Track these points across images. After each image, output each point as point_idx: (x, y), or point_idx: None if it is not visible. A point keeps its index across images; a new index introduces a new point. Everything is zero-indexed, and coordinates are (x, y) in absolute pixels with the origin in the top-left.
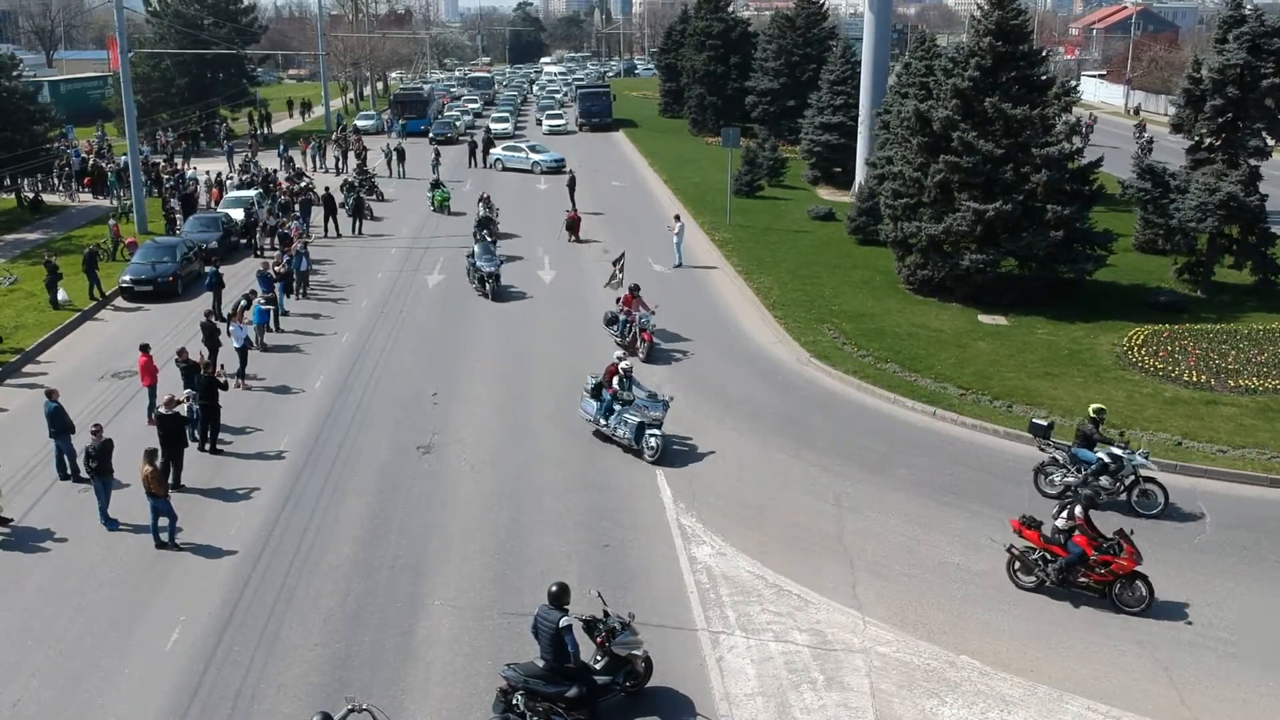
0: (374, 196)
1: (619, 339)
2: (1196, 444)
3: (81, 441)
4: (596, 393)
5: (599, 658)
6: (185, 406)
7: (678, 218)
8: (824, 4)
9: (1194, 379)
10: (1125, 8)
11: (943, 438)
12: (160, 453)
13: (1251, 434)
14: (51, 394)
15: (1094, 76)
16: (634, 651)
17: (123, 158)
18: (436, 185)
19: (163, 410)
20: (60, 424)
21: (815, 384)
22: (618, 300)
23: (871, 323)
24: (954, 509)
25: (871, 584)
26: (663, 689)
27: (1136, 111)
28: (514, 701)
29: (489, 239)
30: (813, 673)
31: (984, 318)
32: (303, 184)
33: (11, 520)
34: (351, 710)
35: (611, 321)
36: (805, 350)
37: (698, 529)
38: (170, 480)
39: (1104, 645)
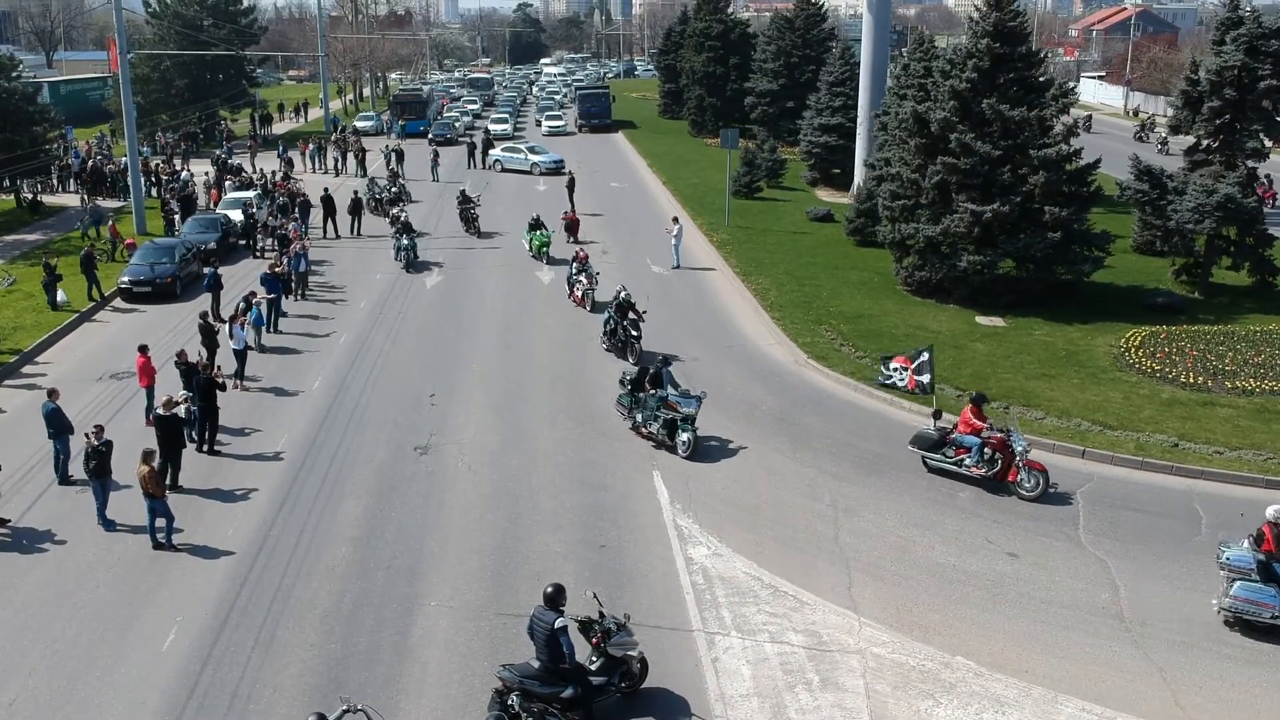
0: (471, 230)
1: (967, 468)
2: (1193, 445)
3: (80, 442)
4: None
5: (594, 658)
6: (183, 408)
7: (676, 219)
8: (823, 5)
9: (1191, 380)
10: (1125, 9)
11: None
12: (158, 453)
13: (1248, 435)
14: (52, 394)
15: (1093, 78)
16: (629, 652)
17: (122, 159)
18: (536, 225)
19: (161, 411)
20: (59, 425)
21: (812, 385)
22: (936, 414)
23: (869, 324)
24: (949, 510)
25: (867, 585)
26: (658, 690)
27: (1136, 113)
28: (509, 702)
29: (636, 337)
30: (808, 673)
31: (981, 319)
32: (395, 211)
33: (10, 520)
34: (347, 711)
35: (935, 445)
36: (802, 351)
37: (694, 530)
38: (168, 481)
39: (1098, 646)
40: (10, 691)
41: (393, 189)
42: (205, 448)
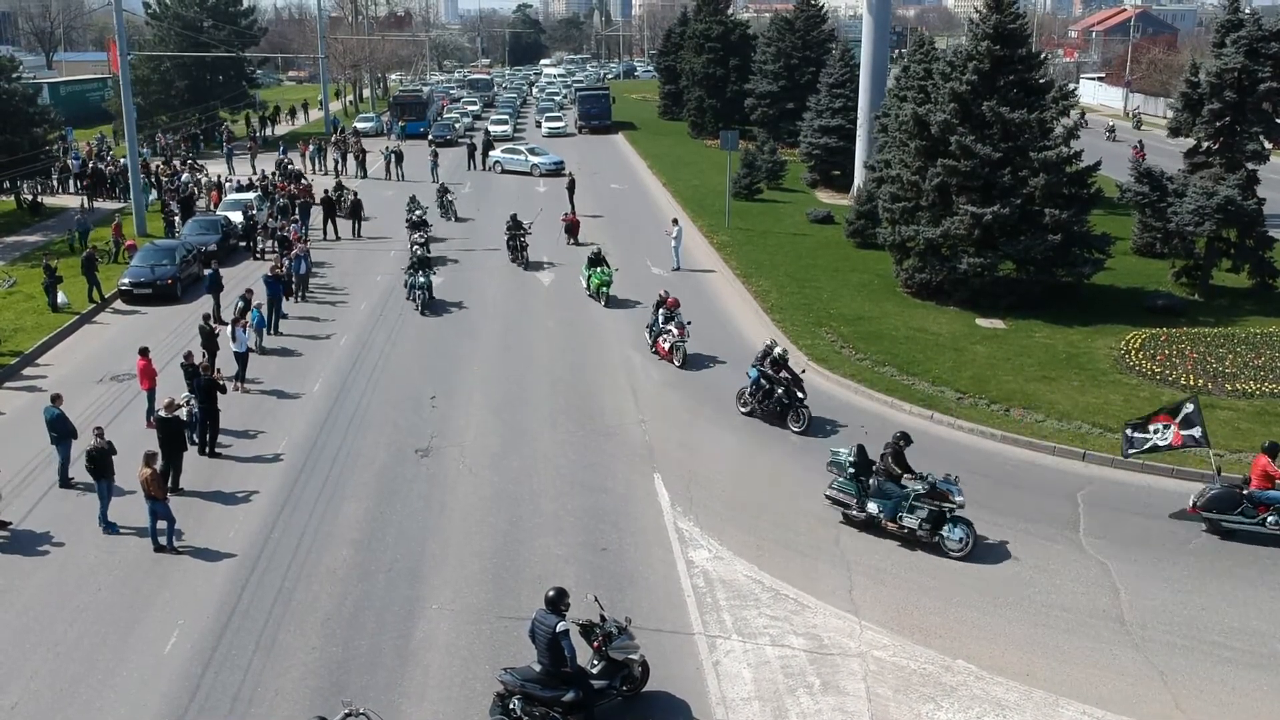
0: (518, 260)
1: (1274, 527)
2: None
3: (82, 445)
4: None
5: (596, 662)
6: (184, 410)
7: (675, 221)
8: (823, 6)
9: (1191, 383)
10: (1124, 10)
11: (939, 441)
12: (159, 456)
13: (1248, 438)
14: (56, 399)
15: (1093, 79)
16: (630, 656)
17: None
18: (597, 261)
19: (162, 413)
20: (62, 429)
21: (813, 387)
22: (1218, 471)
23: (869, 326)
24: None
25: (868, 588)
26: (659, 693)
27: (1135, 114)
28: (511, 706)
29: (802, 400)
30: (809, 677)
31: (982, 321)
32: (414, 237)
33: (10, 523)
34: (348, 714)
35: (1233, 505)
36: (803, 353)
37: (695, 532)
38: (169, 483)
39: (1099, 649)
40: (12, 695)
41: (418, 213)
42: (206, 450)
